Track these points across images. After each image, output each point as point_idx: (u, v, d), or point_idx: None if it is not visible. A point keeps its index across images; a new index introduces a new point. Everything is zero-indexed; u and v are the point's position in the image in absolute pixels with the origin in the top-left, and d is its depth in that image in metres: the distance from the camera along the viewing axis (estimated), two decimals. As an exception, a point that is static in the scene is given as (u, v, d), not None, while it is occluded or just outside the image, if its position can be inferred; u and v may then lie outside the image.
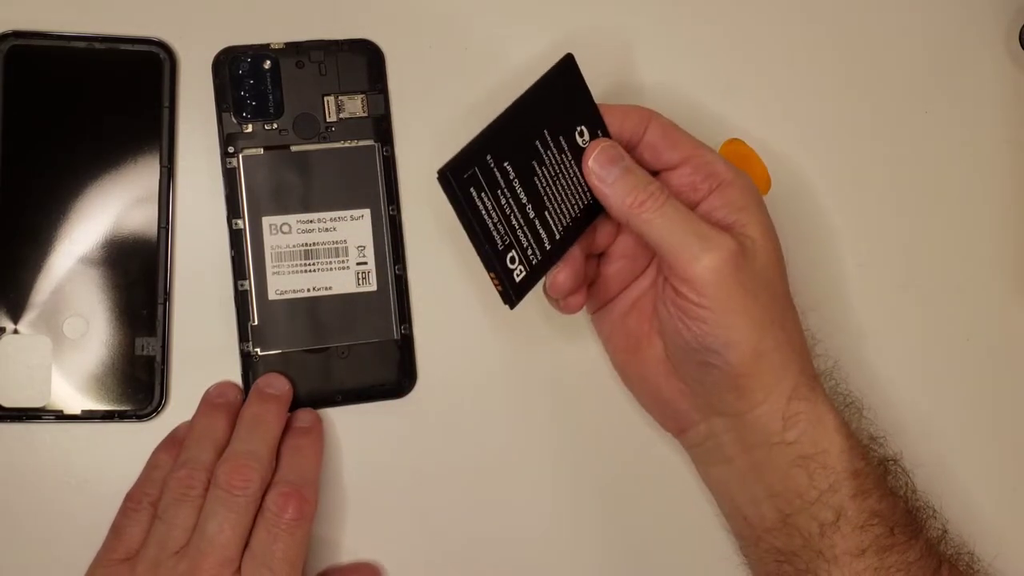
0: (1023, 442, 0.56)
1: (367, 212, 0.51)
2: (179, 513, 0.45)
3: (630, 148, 0.47)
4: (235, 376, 0.51)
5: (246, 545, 0.45)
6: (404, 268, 0.52)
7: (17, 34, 0.50)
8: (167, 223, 0.51)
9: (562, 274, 0.47)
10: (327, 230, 0.51)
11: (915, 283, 0.56)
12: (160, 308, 0.51)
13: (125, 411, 0.50)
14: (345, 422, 0.52)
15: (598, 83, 0.53)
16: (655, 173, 0.48)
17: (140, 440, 0.49)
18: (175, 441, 0.49)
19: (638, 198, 0.45)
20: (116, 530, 0.47)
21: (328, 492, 0.52)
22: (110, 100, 0.51)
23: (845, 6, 0.57)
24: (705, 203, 0.47)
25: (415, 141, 0.53)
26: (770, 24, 0.56)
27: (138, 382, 0.50)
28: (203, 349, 0.51)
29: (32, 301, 0.50)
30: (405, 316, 0.52)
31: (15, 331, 0.50)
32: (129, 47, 0.51)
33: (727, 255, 0.44)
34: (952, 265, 0.56)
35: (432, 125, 0.53)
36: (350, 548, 0.52)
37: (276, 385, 0.50)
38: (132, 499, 0.47)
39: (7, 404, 0.50)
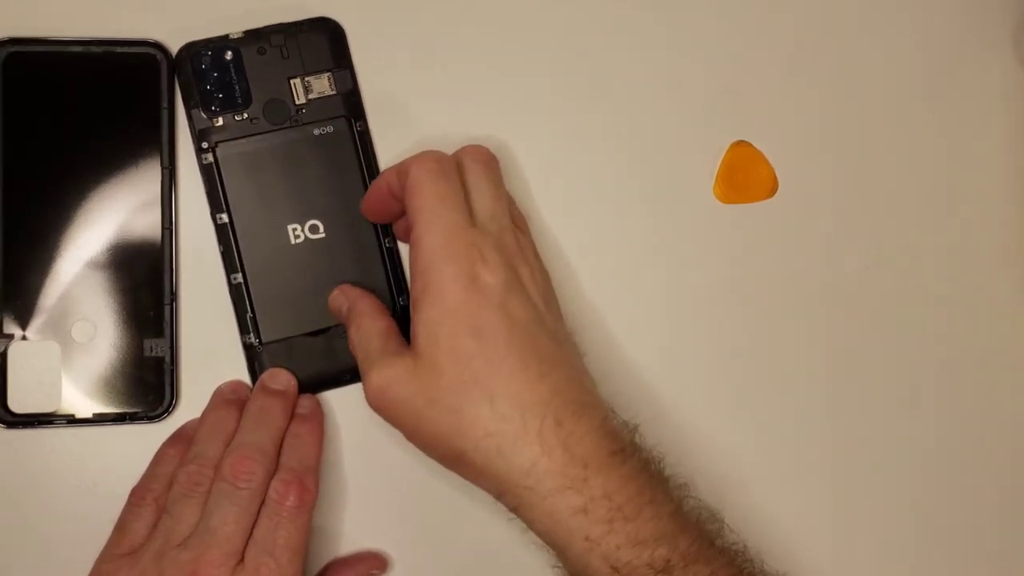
0: (1024, 442, 0.56)
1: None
2: (186, 508, 0.46)
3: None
4: (241, 369, 0.51)
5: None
6: (394, 240, 0.52)
7: (14, 40, 0.50)
8: (171, 224, 0.51)
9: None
10: (312, 213, 0.51)
11: (922, 284, 0.56)
12: (167, 309, 0.51)
13: (136, 413, 0.51)
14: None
15: (597, 79, 0.54)
16: None
17: (152, 441, 0.50)
18: (181, 437, 0.50)
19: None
20: (120, 526, 0.47)
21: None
22: (109, 103, 0.51)
23: (848, 7, 0.56)
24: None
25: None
26: (775, 26, 0.55)
27: (148, 383, 0.51)
28: (211, 347, 0.52)
29: (39, 307, 0.50)
30: (401, 288, 0.52)
31: (23, 337, 0.50)
32: (126, 50, 0.51)
33: (372, 394, 0.46)
34: (958, 266, 0.56)
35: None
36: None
37: (280, 380, 0.50)
38: (136, 495, 0.48)
39: (18, 410, 0.50)
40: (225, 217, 0.51)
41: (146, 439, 0.50)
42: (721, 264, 0.55)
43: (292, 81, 0.51)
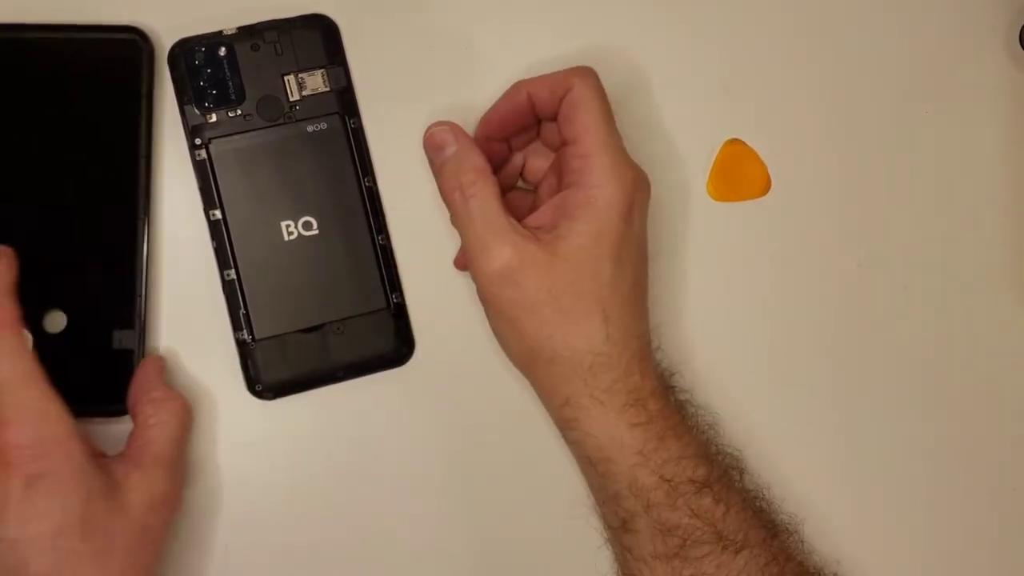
0: (1021, 442, 0.56)
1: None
2: None
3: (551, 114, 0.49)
4: (234, 365, 0.51)
5: None
6: (388, 237, 0.52)
7: (-4, 27, 0.49)
8: (146, 213, 0.50)
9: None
10: (305, 209, 0.51)
11: (914, 283, 0.56)
12: (139, 301, 0.50)
13: (104, 408, 0.49)
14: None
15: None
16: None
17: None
18: None
19: (450, 186, 0.47)
20: None
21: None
22: (88, 90, 0.50)
23: (844, 7, 0.56)
24: (556, 197, 0.48)
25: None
26: (770, 25, 0.56)
27: (116, 377, 0.49)
28: (205, 343, 0.51)
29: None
30: (395, 284, 0.52)
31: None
32: (107, 36, 0.50)
33: (499, 267, 0.46)
34: (952, 265, 0.56)
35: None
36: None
37: None
38: None
39: None
40: (218, 213, 0.51)
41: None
42: (714, 262, 0.55)
43: (286, 78, 0.51)
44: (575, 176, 0.47)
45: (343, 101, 0.51)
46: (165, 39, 0.51)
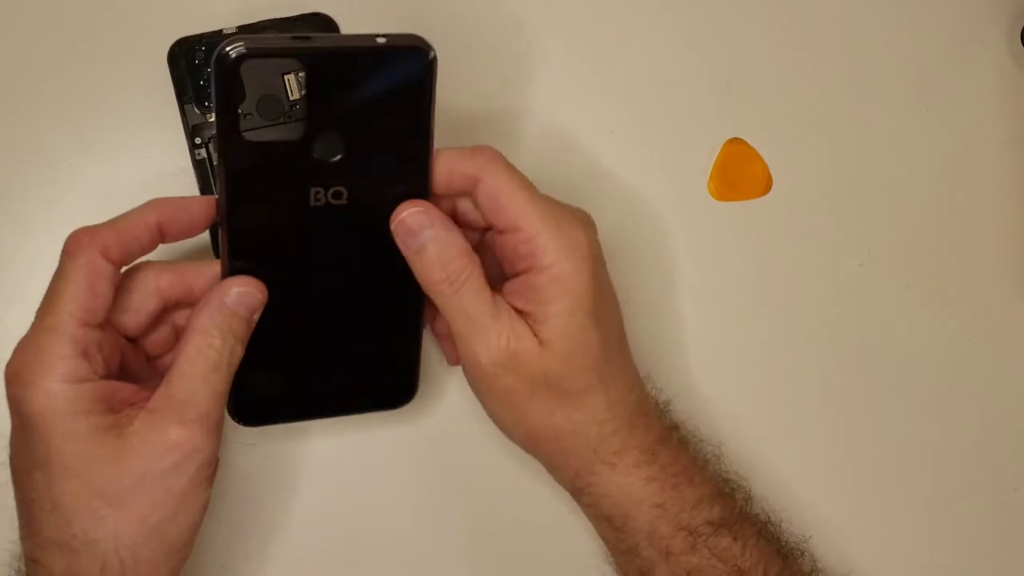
0: (1023, 442, 0.56)
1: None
2: None
3: (463, 196, 0.45)
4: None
5: None
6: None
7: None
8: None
9: None
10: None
11: (916, 283, 0.56)
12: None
13: None
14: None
15: (593, 77, 0.54)
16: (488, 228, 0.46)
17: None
18: None
19: (435, 277, 0.43)
20: None
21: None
22: None
23: (846, 6, 0.56)
24: (514, 282, 0.45)
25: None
26: (771, 23, 0.56)
27: None
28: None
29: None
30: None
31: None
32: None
33: (498, 355, 0.43)
34: (953, 265, 0.56)
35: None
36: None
37: None
38: None
39: None
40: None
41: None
42: (715, 261, 0.55)
43: (286, 77, 0.51)
44: (528, 261, 0.44)
45: (343, 100, 0.51)
46: (165, 39, 0.50)
